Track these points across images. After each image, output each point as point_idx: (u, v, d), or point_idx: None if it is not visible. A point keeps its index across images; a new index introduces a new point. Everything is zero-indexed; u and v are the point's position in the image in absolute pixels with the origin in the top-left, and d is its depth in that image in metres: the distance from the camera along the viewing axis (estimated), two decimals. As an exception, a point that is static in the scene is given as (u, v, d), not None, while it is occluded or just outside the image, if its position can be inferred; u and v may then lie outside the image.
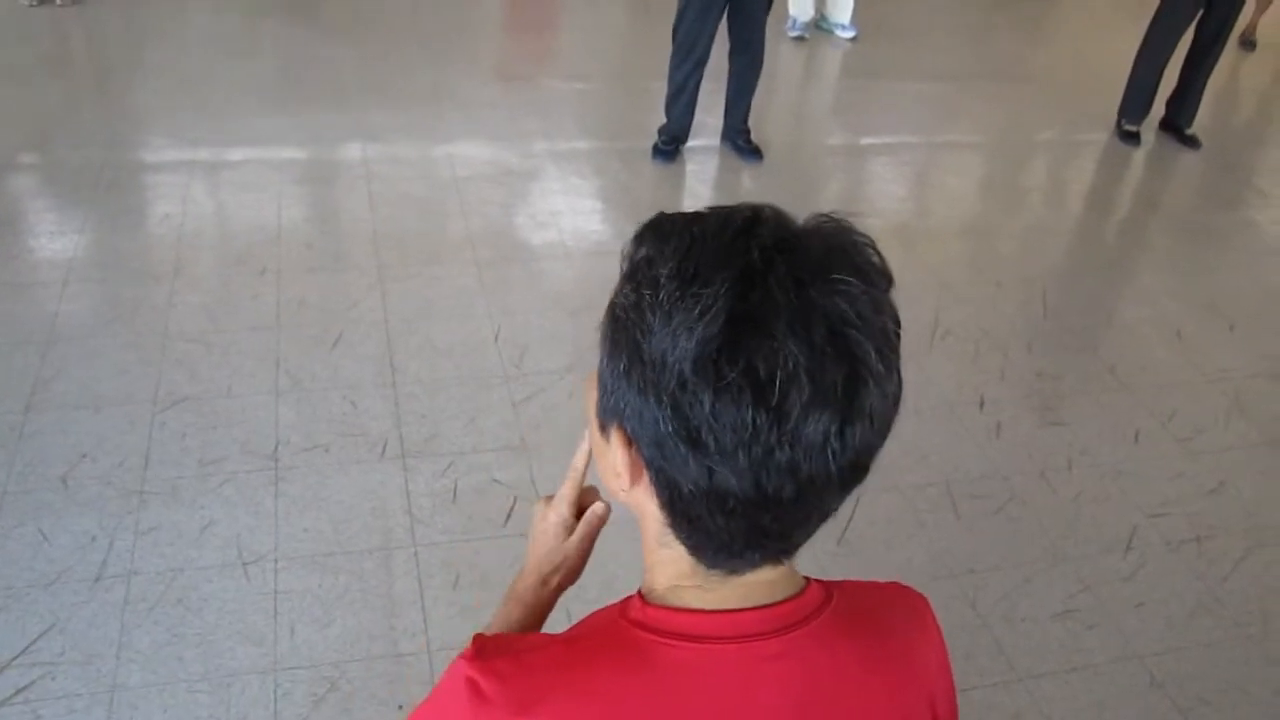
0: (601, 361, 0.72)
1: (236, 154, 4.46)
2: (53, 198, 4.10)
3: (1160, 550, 2.78)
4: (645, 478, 0.72)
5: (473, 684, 0.72)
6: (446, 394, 3.14)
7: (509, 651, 0.75)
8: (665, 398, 0.66)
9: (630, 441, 0.71)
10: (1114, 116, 5.39)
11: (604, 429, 0.74)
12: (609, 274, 0.72)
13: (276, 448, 2.88)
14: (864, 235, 0.71)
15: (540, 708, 0.70)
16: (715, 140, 4.83)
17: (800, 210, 0.73)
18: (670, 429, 0.66)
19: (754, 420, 0.64)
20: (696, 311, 0.64)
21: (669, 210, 0.76)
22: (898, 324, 0.70)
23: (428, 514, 2.72)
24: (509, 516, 2.74)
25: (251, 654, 2.34)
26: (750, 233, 0.68)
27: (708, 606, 0.75)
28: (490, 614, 1.05)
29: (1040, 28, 7.49)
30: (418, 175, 4.41)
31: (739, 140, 4.74)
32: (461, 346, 3.33)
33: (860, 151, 5.16)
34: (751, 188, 4.65)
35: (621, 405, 0.70)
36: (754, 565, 0.74)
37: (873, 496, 2.87)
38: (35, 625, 2.34)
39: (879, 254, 0.71)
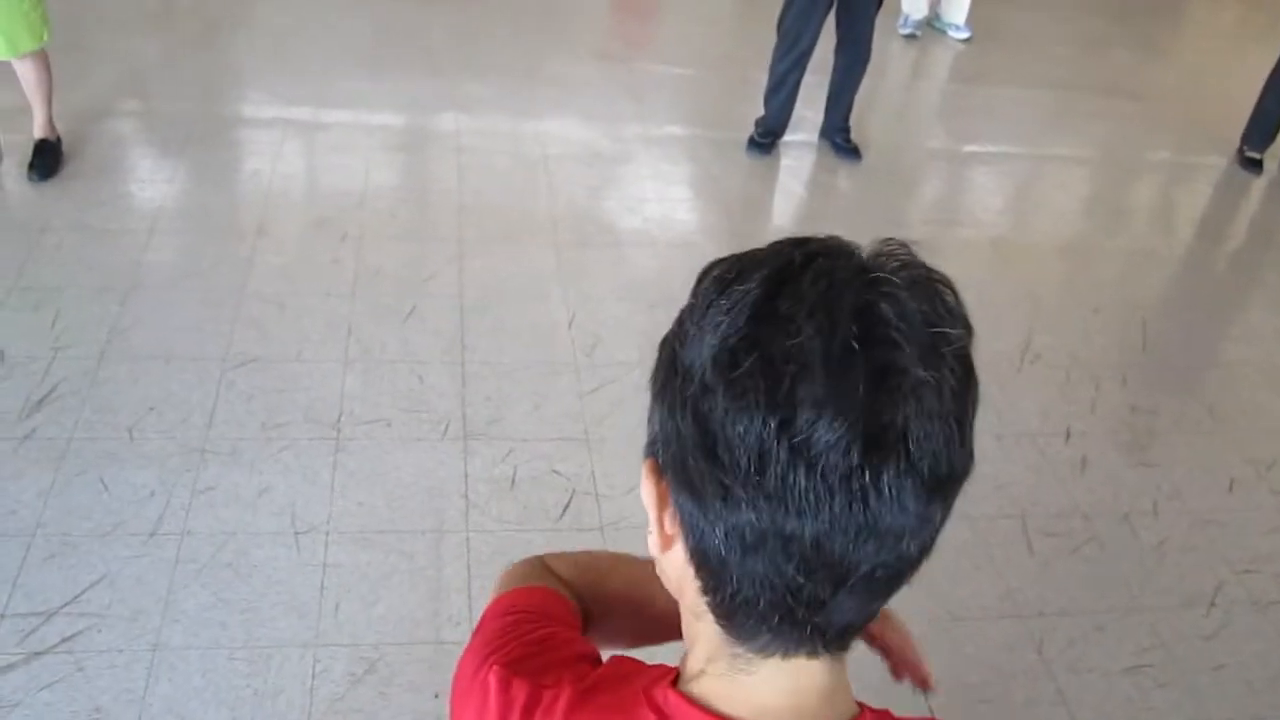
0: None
1: (329, 115, 4.46)
2: (146, 147, 4.14)
3: (1246, 610, 2.62)
4: (678, 535, 0.65)
5: (485, 688, 0.74)
6: (514, 378, 3.09)
7: (533, 677, 0.74)
8: (688, 403, 0.60)
9: (660, 474, 0.65)
10: (1234, 141, 5.12)
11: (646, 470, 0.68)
12: (692, 266, 0.67)
13: (339, 417, 2.86)
14: (940, 274, 0.62)
15: None
16: (813, 136, 4.70)
17: (893, 213, 0.65)
18: (691, 441, 0.60)
19: (764, 423, 0.56)
20: (724, 308, 0.60)
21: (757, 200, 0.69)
22: (968, 363, 0.61)
23: (484, 499, 2.68)
24: (565, 510, 2.68)
25: (294, 626, 2.32)
26: (800, 243, 0.63)
27: (725, 708, 0.67)
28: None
29: (1162, 44, 7.17)
30: (507, 150, 4.36)
31: (838, 138, 4.60)
32: (533, 330, 3.28)
33: (962, 158, 4.98)
34: (846, 188, 4.52)
35: (655, 429, 0.65)
36: (788, 648, 0.65)
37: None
38: (87, 575, 2.35)
39: (956, 296, 0.62)
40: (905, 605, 0.72)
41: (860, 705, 0.71)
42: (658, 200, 4.21)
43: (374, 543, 2.53)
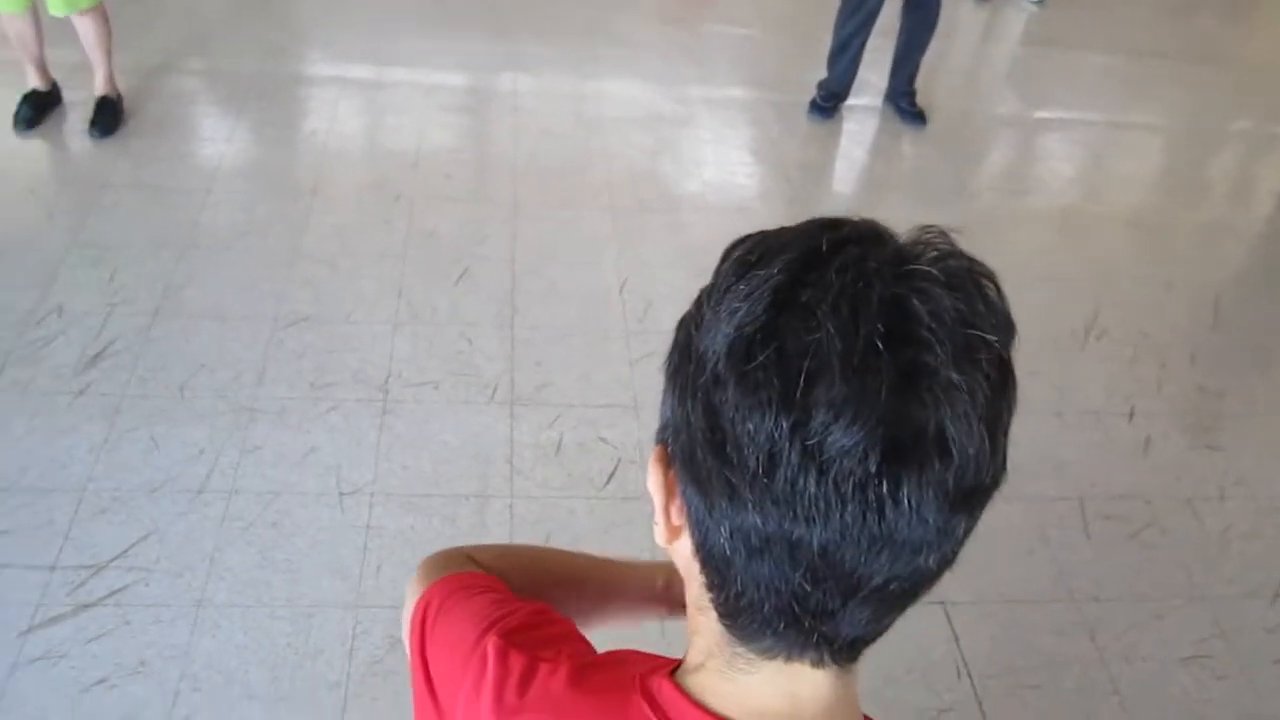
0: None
1: (387, 75, 4.44)
2: (205, 105, 4.16)
3: (1313, 603, 2.52)
4: (684, 526, 0.62)
5: (484, 658, 0.72)
6: (563, 343, 3.06)
7: (530, 649, 0.73)
8: (699, 394, 0.56)
9: (669, 463, 0.62)
10: (1324, 111, 4.91)
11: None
12: (745, 231, 0.62)
13: (387, 379, 2.86)
14: (983, 265, 0.58)
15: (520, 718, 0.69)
16: (877, 101, 4.58)
17: (957, 180, 0.59)
18: (701, 434, 0.56)
19: (776, 422, 0.52)
20: (744, 293, 0.55)
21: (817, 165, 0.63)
22: (1006, 365, 0.56)
23: (529, 465, 2.66)
24: (610, 478, 2.65)
25: (336, 587, 2.33)
26: (831, 226, 0.58)
27: (721, 706, 0.64)
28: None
29: (1247, 9, 6.87)
30: (564, 112, 4.31)
31: (902, 102, 4.48)
32: (585, 295, 3.25)
33: (1032, 125, 4.82)
34: (910, 153, 4.41)
35: (666, 415, 0.62)
36: (792, 653, 0.61)
37: (996, 504, 2.66)
38: (136, 530, 2.38)
39: (998, 291, 0.57)
40: (954, 585, 0.66)
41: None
42: (716, 164, 4.14)
43: (418, 506, 2.53)
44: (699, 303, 0.61)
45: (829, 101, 4.42)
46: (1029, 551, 2.58)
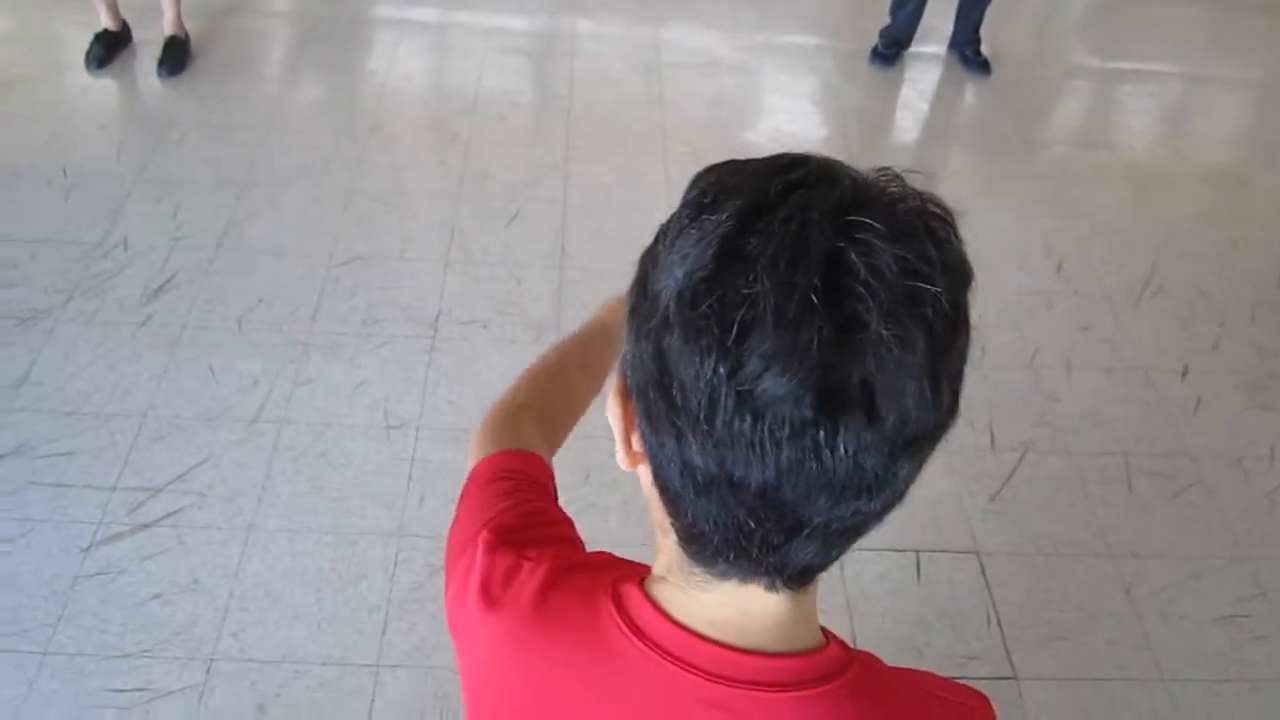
0: None
1: (448, 16, 4.47)
2: (270, 45, 4.23)
3: (1361, 568, 2.47)
4: (644, 454, 0.64)
5: (475, 550, 0.78)
6: (611, 286, 3.04)
7: (518, 548, 0.78)
8: (650, 335, 0.58)
9: (627, 394, 0.64)
10: None
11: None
12: None
13: (437, 317, 2.92)
14: (939, 204, 0.58)
15: (500, 614, 0.74)
16: (941, 48, 4.49)
17: (1021, 131, 0.59)
18: (651, 375, 0.59)
19: (714, 369, 0.54)
20: (694, 238, 0.57)
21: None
22: (955, 313, 0.56)
23: (572, 405, 2.70)
24: (651, 419, 2.68)
25: (380, 516, 2.40)
26: (787, 169, 0.58)
27: (680, 615, 0.67)
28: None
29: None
30: (622, 57, 4.30)
31: (967, 50, 4.38)
32: (635, 239, 3.15)
33: (1103, 76, 4.68)
34: (972, 103, 4.33)
35: (625, 351, 0.64)
36: (744, 576, 0.64)
37: (1038, 457, 2.66)
38: (192, 456, 2.48)
39: (954, 231, 0.58)
40: (989, 535, 0.67)
41: (827, 637, 0.69)
42: (773, 113, 4.11)
43: (461, 441, 2.57)
44: (656, 239, 0.63)
45: (891, 49, 4.35)
46: (1068, 505, 2.56)
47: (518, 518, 0.82)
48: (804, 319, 0.52)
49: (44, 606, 2.15)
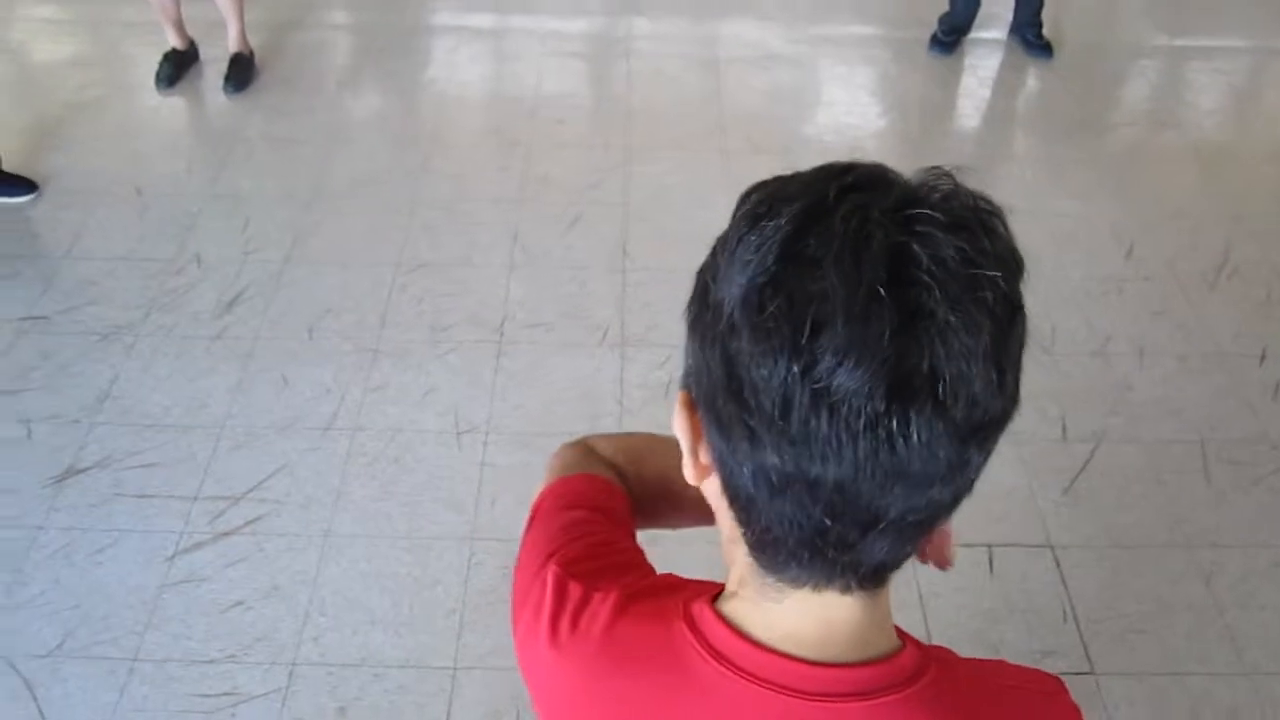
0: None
1: (504, 22, 4.51)
2: (331, 58, 4.30)
3: None
4: (712, 466, 0.65)
5: (543, 585, 0.77)
6: (673, 285, 3.05)
7: (587, 579, 0.77)
8: (717, 341, 0.59)
9: (694, 406, 0.65)
10: None
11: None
12: None
13: (503, 322, 2.95)
14: (989, 200, 0.59)
15: (572, 650, 0.74)
16: (1002, 33, 4.42)
17: (1086, 115, 0.60)
18: (720, 381, 0.59)
19: (787, 368, 0.55)
20: (754, 245, 0.58)
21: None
22: (1013, 300, 0.58)
23: (637, 405, 2.72)
24: (716, 418, 2.69)
25: (452, 520, 2.44)
26: (840, 173, 0.60)
27: (755, 631, 0.67)
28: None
29: None
30: (678, 54, 4.30)
31: (1029, 34, 4.31)
32: (696, 238, 3.19)
33: (1171, 54, 4.58)
34: (1035, 88, 4.25)
35: (689, 362, 0.65)
36: (818, 582, 0.65)
37: (1112, 447, 2.62)
38: (269, 465, 2.54)
39: (1004, 224, 0.59)
40: (1063, 529, 0.66)
41: (904, 639, 0.69)
42: (831, 105, 4.09)
43: (530, 444, 2.62)
44: (714, 253, 0.63)
45: (950, 36, 4.29)
46: (1143, 495, 2.52)
47: (585, 549, 0.81)
48: (873, 311, 0.54)
49: (132, 615, 2.22)
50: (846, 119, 3.97)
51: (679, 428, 0.67)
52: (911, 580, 2.29)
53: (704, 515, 1.01)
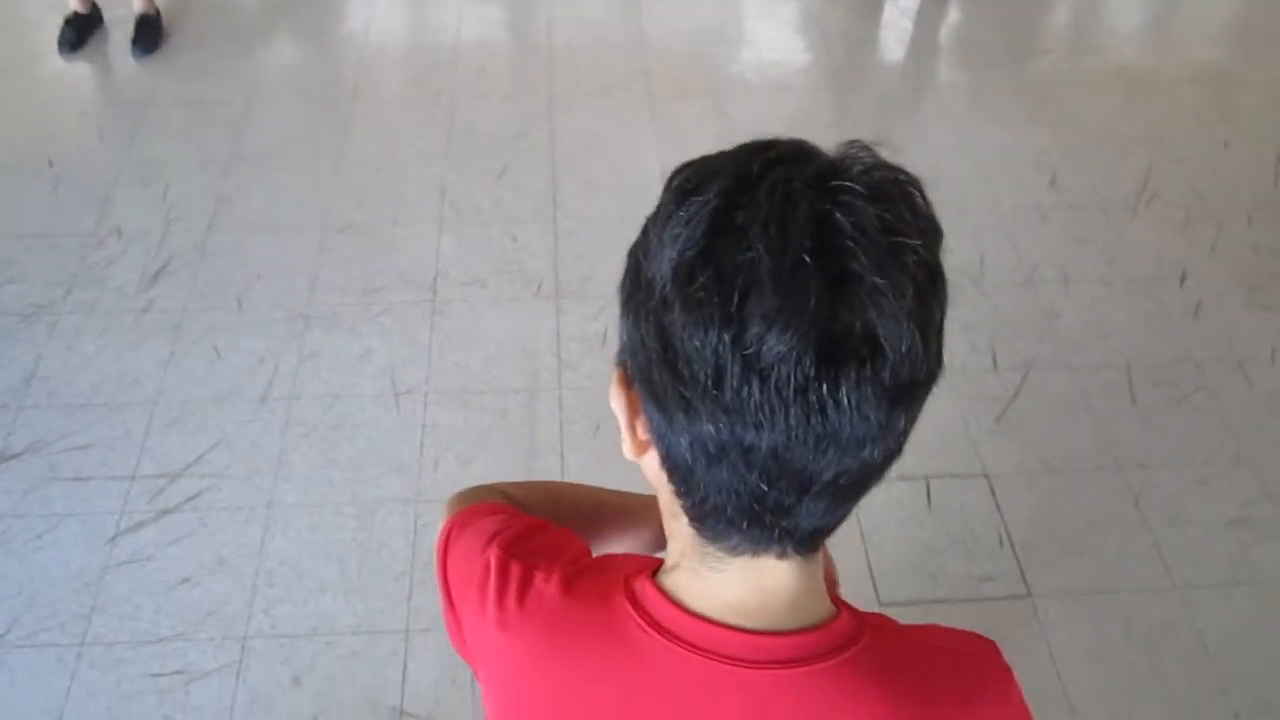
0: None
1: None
2: (243, 15, 4.16)
3: (1364, 460, 2.50)
4: (650, 440, 0.67)
5: (486, 567, 0.78)
6: (606, 234, 3.09)
7: (527, 559, 0.79)
8: (650, 316, 0.61)
9: (629, 382, 0.67)
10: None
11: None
12: (786, 112, 0.67)
13: (435, 280, 2.93)
14: (907, 174, 0.61)
15: (519, 629, 0.75)
16: (923, -37, 4.42)
17: (1009, 44, 0.61)
18: (655, 354, 0.61)
19: (719, 338, 0.57)
20: (683, 219, 0.60)
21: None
22: (933, 267, 0.60)
23: (575, 358, 2.73)
24: (655, 367, 2.70)
25: (396, 484, 2.44)
26: (763, 148, 0.62)
27: (694, 604, 0.69)
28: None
29: None
30: (600, -3, 4.24)
31: (949, -37, 4.32)
32: (625, 185, 3.25)
33: (1088, -22, 4.61)
34: (957, 18, 4.27)
35: (623, 338, 0.66)
36: (757, 548, 0.67)
37: (1041, 374, 2.68)
38: (206, 439, 2.51)
39: (923, 196, 0.61)
40: (998, 458, 0.67)
41: (839, 606, 0.71)
42: (754, 42, 4.06)
43: (470, 403, 2.61)
44: (645, 231, 0.65)
45: (871, -33, 4.28)
46: (1074, 420, 2.59)
47: (521, 530, 0.83)
48: (800, 277, 0.55)
49: (77, 599, 2.20)
50: (771, 56, 3.95)
51: (616, 404, 0.68)
52: (853, 519, 2.34)
53: (624, 538, 1.02)
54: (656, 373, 0.61)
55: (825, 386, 0.56)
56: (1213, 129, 3.57)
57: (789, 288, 0.55)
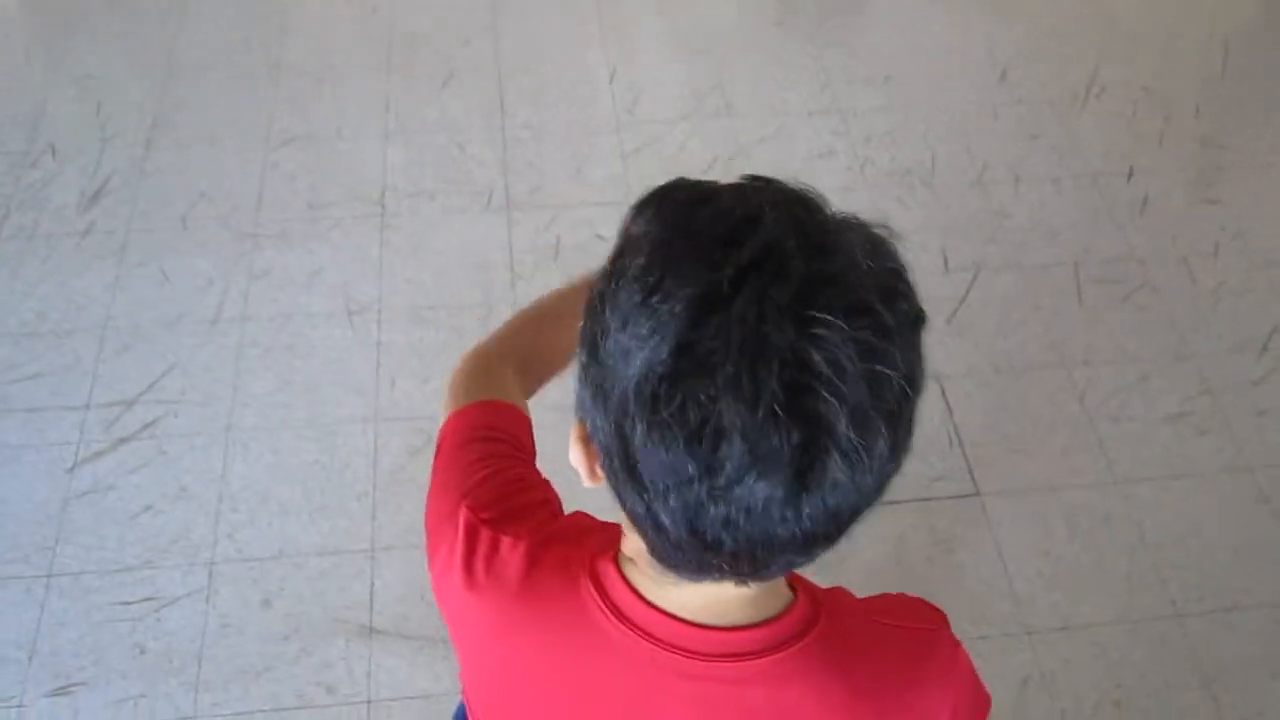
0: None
1: None
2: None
3: (1299, 352, 2.58)
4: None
5: (455, 527, 0.80)
6: (555, 141, 3.05)
7: (496, 525, 0.80)
8: (610, 413, 0.60)
9: (588, 440, 0.66)
10: None
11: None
12: (735, 12, 0.63)
13: (383, 193, 2.89)
14: (891, 258, 0.60)
15: (485, 594, 0.77)
16: None
17: None
18: (615, 450, 0.60)
19: (685, 468, 0.56)
20: (648, 328, 0.57)
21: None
22: (909, 374, 0.59)
23: (529, 270, 2.72)
24: (609, 277, 2.70)
25: (354, 403, 2.44)
26: (735, 242, 0.57)
27: (651, 597, 0.72)
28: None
29: None
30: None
31: None
32: (574, 89, 3.20)
33: None
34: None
35: (581, 398, 0.64)
36: (716, 581, 0.68)
37: (991, 275, 2.72)
38: (158, 364, 2.49)
39: (906, 283, 0.60)
40: (949, 360, 0.67)
41: (796, 590, 0.74)
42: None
43: (425, 319, 2.61)
44: (603, 299, 0.61)
45: None
46: (1022, 321, 2.64)
47: (495, 488, 0.83)
48: (772, 431, 0.54)
49: (40, 530, 2.21)
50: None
51: (575, 458, 0.68)
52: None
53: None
54: (616, 464, 0.61)
55: (792, 512, 0.57)
56: (1161, 19, 3.56)
57: (762, 442, 0.54)
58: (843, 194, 3.03)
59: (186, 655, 2.05)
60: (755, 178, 0.64)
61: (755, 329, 0.54)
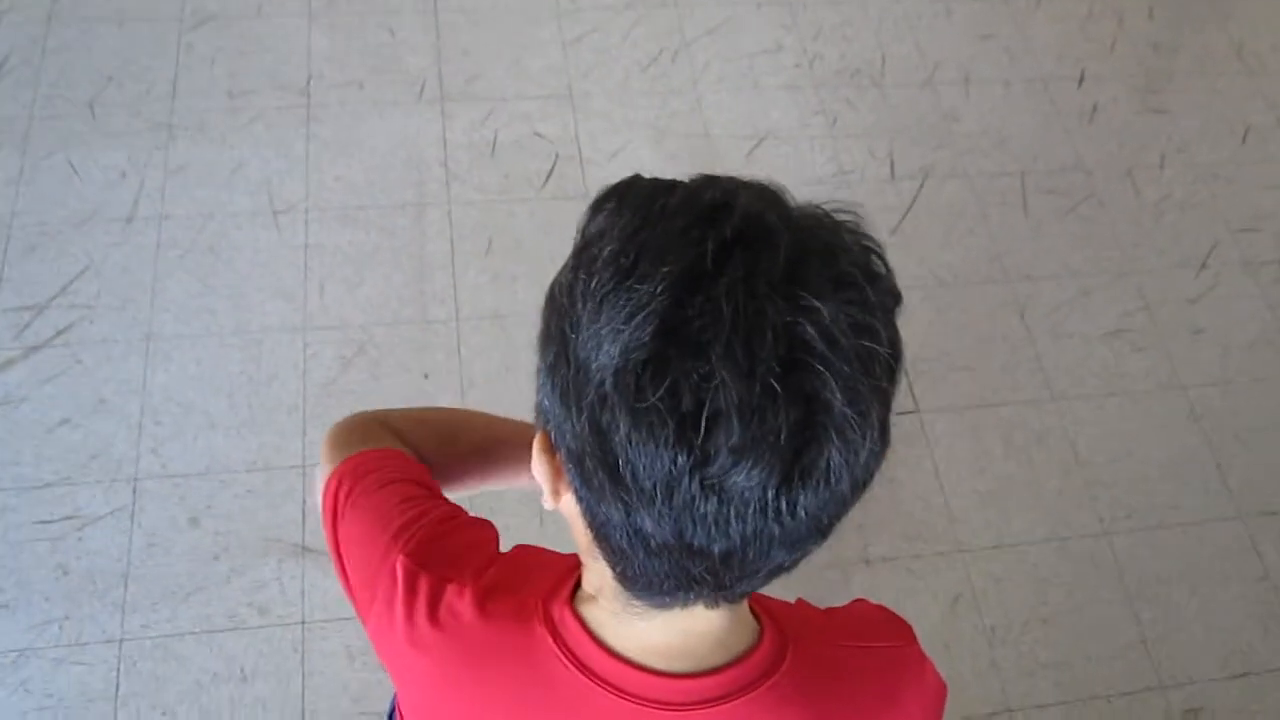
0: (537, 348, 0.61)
1: None
2: None
3: (1236, 271, 2.59)
4: (576, 513, 0.62)
5: (392, 576, 0.74)
6: (491, 27, 2.89)
7: (437, 569, 0.74)
8: (584, 411, 0.55)
9: (553, 450, 0.61)
10: None
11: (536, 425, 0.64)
12: None
13: (309, 81, 2.72)
14: (867, 236, 0.58)
15: (431, 649, 0.72)
16: None
17: None
18: (591, 449, 0.55)
19: (674, 459, 0.52)
20: (626, 311, 0.52)
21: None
22: (894, 352, 0.57)
23: (464, 168, 2.61)
24: (548, 177, 2.61)
25: (282, 310, 2.35)
26: (712, 220, 0.54)
27: (614, 644, 0.67)
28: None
29: None
30: None
31: None
32: None
33: None
34: None
35: (545, 404, 0.60)
36: (686, 604, 0.64)
37: (938, 183, 2.67)
38: (71, 266, 2.35)
39: (884, 262, 0.58)
40: (896, 269, 0.65)
41: (762, 622, 0.70)
42: None
43: (354, 220, 2.50)
44: (570, 291, 0.57)
45: None
46: (969, 231, 2.61)
47: (427, 530, 0.77)
48: (769, 408, 0.51)
49: (-52, 445, 2.11)
50: None
51: (538, 470, 0.63)
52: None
53: (521, 474, 0.96)
54: (592, 465, 0.56)
55: (785, 503, 0.54)
56: (1121, -89, 3.45)
57: (758, 420, 0.51)
58: (789, 93, 2.95)
59: (112, 576, 1.99)
60: (711, 175, 0.60)
61: (746, 304, 0.51)
